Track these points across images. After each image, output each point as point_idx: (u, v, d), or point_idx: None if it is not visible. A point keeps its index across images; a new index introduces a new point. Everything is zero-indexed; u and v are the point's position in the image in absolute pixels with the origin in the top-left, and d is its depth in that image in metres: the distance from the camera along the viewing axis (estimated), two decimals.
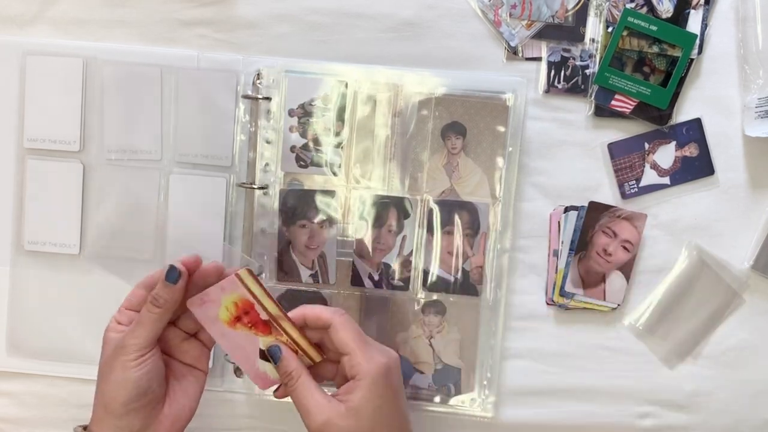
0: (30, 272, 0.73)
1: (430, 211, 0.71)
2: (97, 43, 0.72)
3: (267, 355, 0.59)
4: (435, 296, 0.71)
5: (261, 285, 0.59)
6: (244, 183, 0.72)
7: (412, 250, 0.71)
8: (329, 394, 0.58)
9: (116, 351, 0.58)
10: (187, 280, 0.59)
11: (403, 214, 0.71)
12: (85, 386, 0.74)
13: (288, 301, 0.71)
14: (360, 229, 0.71)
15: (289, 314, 0.60)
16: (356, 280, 0.71)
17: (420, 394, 0.72)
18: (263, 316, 0.58)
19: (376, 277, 0.71)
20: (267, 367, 0.60)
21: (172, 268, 0.58)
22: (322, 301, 0.71)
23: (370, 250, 0.71)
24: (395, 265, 0.71)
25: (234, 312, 0.58)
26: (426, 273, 0.71)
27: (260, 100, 0.71)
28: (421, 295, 0.71)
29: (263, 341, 0.59)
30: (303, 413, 0.56)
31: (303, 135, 0.71)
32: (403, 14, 0.72)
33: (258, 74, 0.71)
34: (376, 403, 0.55)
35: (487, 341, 0.72)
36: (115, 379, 0.58)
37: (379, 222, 0.71)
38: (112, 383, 0.58)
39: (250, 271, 0.58)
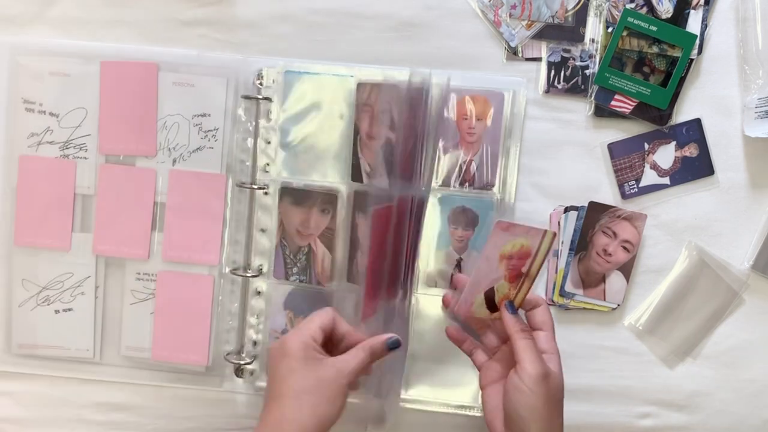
0: (21, 269, 0.73)
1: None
2: (97, 43, 0.72)
3: (506, 307, 0.63)
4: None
5: (548, 252, 0.63)
6: (243, 183, 0.72)
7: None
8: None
9: (336, 377, 0.59)
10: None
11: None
12: (85, 386, 0.74)
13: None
14: None
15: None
16: None
17: None
18: (524, 269, 0.63)
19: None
20: (478, 301, 0.64)
21: (394, 338, 0.63)
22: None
23: None
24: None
25: (514, 251, 0.63)
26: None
27: (260, 101, 0.71)
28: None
29: (501, 286, 0.63)
30: (528, 361, 0.59)
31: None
32: (403, 14, 0.72)
33: (259, 74, 0.71)
34: (561, 381, 0.61)
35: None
36: (339, 404, 0.59)
37: None
38: (336, 406, 0.59)
39: (554, 236, 0.63)
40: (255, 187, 0.71)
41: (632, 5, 0.70)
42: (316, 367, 0.59)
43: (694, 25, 0.70)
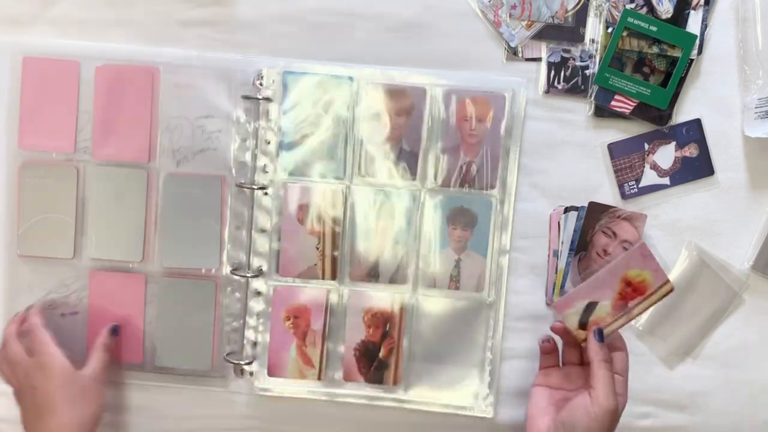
0: (25, 273, 0.73)
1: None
2: (97, 43, 0.72)
3: (594, 333, 0.65)
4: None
5: (660, 299, 0.67)
6: (243, 183, 0.72)
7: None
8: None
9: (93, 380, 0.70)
10: None
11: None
12: None
13: None
14: None
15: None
16: None
17: None
18: (631, 303, 0.67)
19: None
20: (577, 309, 0.67)
21: (113, 327, 0.72)
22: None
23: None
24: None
25: (635, 281, 0.67)
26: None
27: (260, 101, 0.71)
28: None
29: (603, 306, 0.67)
30: (607, 393, 0.62)
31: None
32: (403, 14, 0.72)
33: (259, 75, 0.71)
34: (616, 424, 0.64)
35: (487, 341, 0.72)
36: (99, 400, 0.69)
37: None
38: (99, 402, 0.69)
39: (671, 290, 0.68)
40: (255, 187, 0.71)
41: (632, 5, 0.70)
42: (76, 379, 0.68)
43: (694, 25, 0.70)
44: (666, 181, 0.72)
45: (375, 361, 0.73)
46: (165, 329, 0.73)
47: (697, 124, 0.71)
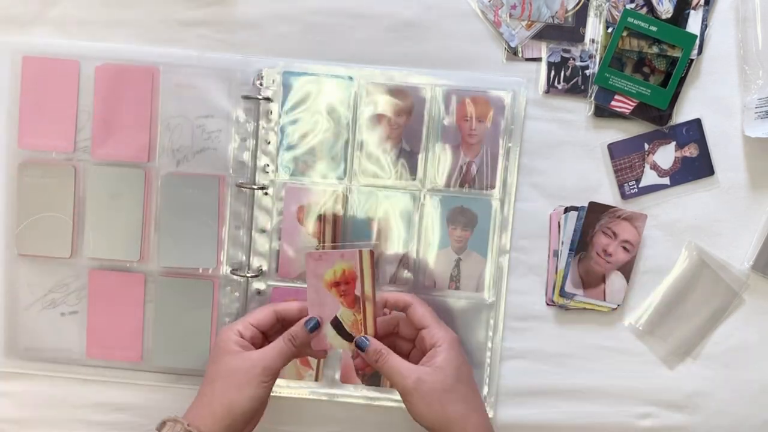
0: (25, 273, 0.73)
1: None
2: (97, 43, 0.72)
3: (357, 345, 0.65)
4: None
5: (372, 268, 0.65)
6: (243, 183, 0.72)
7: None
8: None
9: (249, 368, 0.63)
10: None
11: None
12: (85, 386, 0.74)
13: None
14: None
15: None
16: None
17: None
18: (357, 292, 0.65)
19: None
20: (330, 333, 0.66)
21: (312, 319, 0.66)
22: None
23: None
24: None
25: (338, 278, 0.65)
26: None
27: (260, 101, 0.71)
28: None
29: (343, 312, 0.65)
30: (396, 377, 0.63)
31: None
32: (403, 14, 0.72)
33: (259, 75, 0.71)
34: (455, 363, 0.64)
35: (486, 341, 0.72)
36: (249, 393, 0.63)
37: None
38: (245, 394, 0.63)
39: (372, 253, 0.65)
40: (255, 187, 0.71)
41: (632, 5, 0.70)
42: (231, 358, 0.64)
43: (694, 25, 0.70)
44: (666, 181, 0.72)
45: None
46: (164, 328, 0.73)
47: (697, 124, 0.71)
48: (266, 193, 0.72)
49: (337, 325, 0.66)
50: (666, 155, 0.72)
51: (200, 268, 0.73)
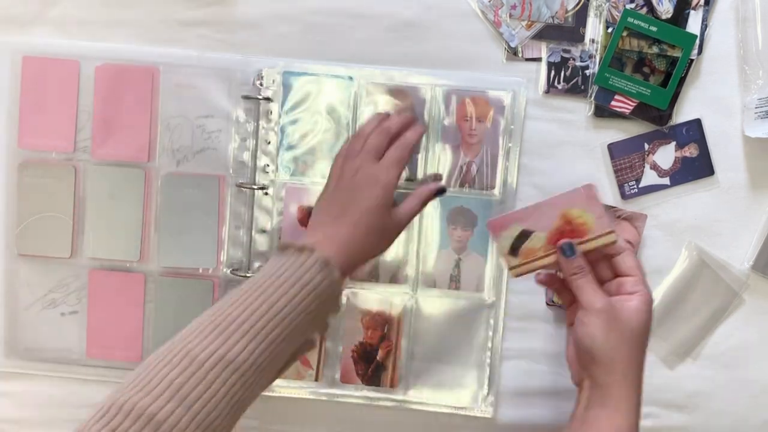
0: (25, 273, 0.73)
1: None
2: (97, 43, 0.72)
3: (562, 249, 0.62)
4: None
5: (599, 248, 0.62)
6: (243, 183, 0.72)
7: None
8: None
9: (396, 225, 0.64)
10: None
11: None
12: (85, 386, 0.74)
13: None
14: None
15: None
16: None
17: None
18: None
19: None
20: (510, 232, 0.63)
21: (442, 188, 0.67)
22: None
23: None
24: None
25: (576, 222, 0.62)
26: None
27: (260, 101, 0.71)
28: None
29: (538, 237, 0.63)
30: (589, 294, 0.61)
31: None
32: (403, 14, 0.72)
33: (259, 75, 0.71)
34: (644, 317, 0.61)
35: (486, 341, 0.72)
36: (386, 245, 0.64)
37: None
38: (383, 248, 0.64)
39: (614, 242, 0.62)
40: (255, 187, 0.71)
41: (632, 5, 0.70)
42: (388, 213, 0.63)
43: (694, 25, 0.70)
44: (666, 181, 0.72)
45: (372, 363, 0.73)
46: (163, 329, 0.73)
47: (697, 124, 0.71)
48: (266, 193, 0.72)
49: (523, 235, 0.63)
50: (666, 155, 0.72)
51: (200, 268, 0.73)
